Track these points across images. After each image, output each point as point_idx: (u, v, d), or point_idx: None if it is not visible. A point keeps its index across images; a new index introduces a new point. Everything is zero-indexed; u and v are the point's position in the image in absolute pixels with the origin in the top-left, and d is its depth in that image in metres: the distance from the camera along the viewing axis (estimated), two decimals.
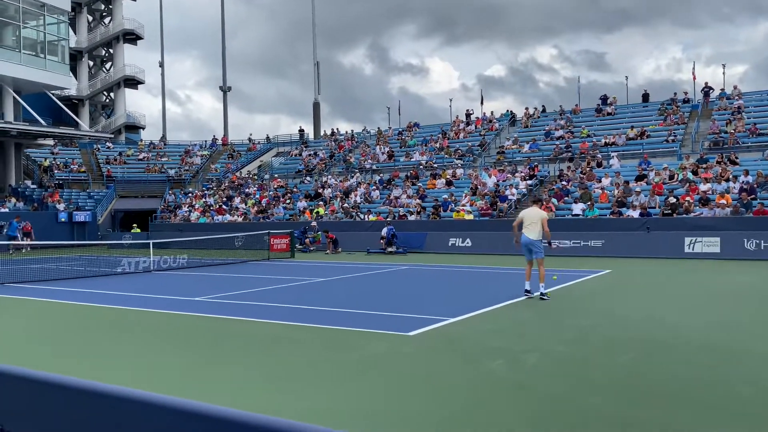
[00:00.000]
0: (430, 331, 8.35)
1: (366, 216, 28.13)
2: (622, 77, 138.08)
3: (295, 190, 34.68)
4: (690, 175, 23.80)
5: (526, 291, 11.31)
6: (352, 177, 34.39)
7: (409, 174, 32.06)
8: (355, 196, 31.22)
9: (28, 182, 37.70)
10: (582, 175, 26.78)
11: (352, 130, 44.62)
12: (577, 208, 23.70)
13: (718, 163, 24.29)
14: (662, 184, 23.86)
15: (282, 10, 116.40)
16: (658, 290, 12.77)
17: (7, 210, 31.96)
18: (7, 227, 28.71)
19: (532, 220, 11.20)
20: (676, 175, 24.35)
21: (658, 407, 5.10)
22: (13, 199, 33.62)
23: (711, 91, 32.99)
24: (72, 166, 41.47)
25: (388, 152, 37.09)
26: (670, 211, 21.48)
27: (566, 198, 25.22)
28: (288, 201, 32.84)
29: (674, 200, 21.85)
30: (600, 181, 25.82)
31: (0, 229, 29.05)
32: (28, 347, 8.08)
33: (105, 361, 7.15)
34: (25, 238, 28.56)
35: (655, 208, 22.24)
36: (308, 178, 36.98)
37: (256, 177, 40.41)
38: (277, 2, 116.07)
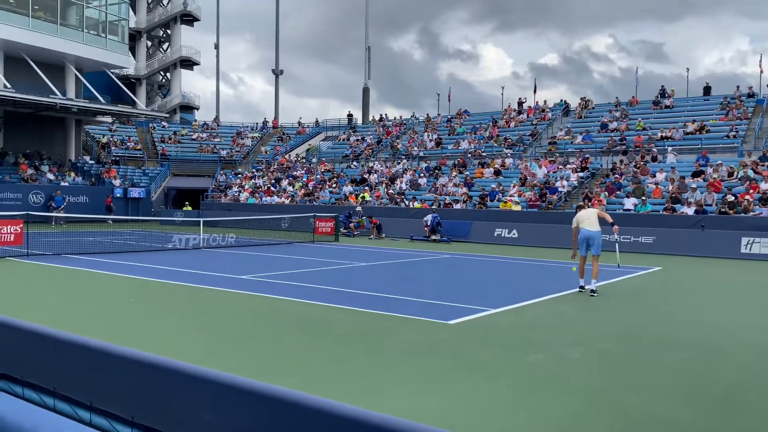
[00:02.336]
0: (471, 321, 8.29)
1: (411, 203, 28.07)
2: (681, 69, 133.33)
3: (341, 174, 34.88)
4: (751, 173, 22.84)
5: (581, 287, 11.10)
6: (399, 163, 34.35)
7: (456, 162, 31.80)
8: (401, 182, 31.18)
9: (87, 158, 39.06)
10: (636, 169, 26.04)
11: (401, 116, 44.51)
12: (629, 202, 23.07)
13: None
14: (720, 181, 22.98)
15: None
16: (711, 290, 12.34)
17: (66, 184, 33.21)
18: (53, 201, 30.11)
19: (589, 216, 11.13)
20: (735, 172, 23.40)
21: (704, 411, 4.93)
22: (73, 174, 34.90)
23: None
24: (128, 144, 42.77)
25: (436, 139, 36.85)
26: (727, 210, 20.69)
27: (618, 192, 24.57)
28: (334, 185, 33.06)
29: (732, 198, 21.03)
30: (654, 176, 25.05)
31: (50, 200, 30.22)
32: (76, 313, 8.39)
33: (152, 333, 7.37)
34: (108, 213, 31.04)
35: (711, 205, 21.45)
36: (355, 163, 37.12)
37: (304, 160, 40.81)
38: None
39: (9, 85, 30.31)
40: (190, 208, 34.68)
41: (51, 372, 2.73)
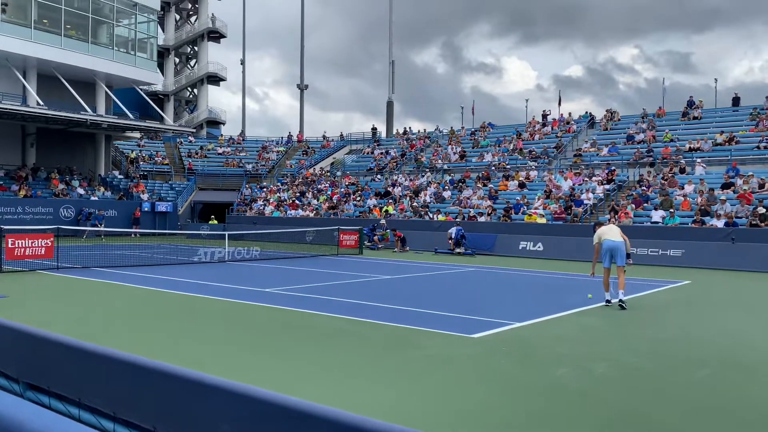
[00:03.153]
0: (495, 335, 8.22)
1: (435, 216, 28.03)
2: (708, 79, 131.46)
3: (366, 187, 34.98)
4: None
5: (608, 301, 10.94)
6: (423, 176, 34.34)
7: (480, 175, 31.69)
8: (425, 195, 31.16)
9: (116, 172, 39.82)
10: (663, 181, 25.65)
11: (425, 129, 44.57)
12: (657, 215, 22.72)
13: None
14: (751, 193, 22.52)
15: (357, 10, 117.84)
16: (741, 306, 12.05)
17: (96, 198, 33.89)
18: (93, 218, 30.75)
19: (611, 229, 11.30)
20: (766, 184, 22.92)
21: (731, 429, 4.81)
22: (102, 188, 35.60)
23: None
24: (156, 159, 43.52)
25: (460, 152, 36.81)
26: (758, 222, 20.25)
27: (645, 204, 24.22)
28: (358, 198, 33.17)
29: (764, 210, 20.58)
30: (682, 188, 24.65)
31: (89, 216, 30.86)
32: (103, 326, 8.52)
33: (173, 345, 7.44)
34: (133, 225, 32.07)
35: (742, 218, 21.02)
36: (379, 176, 37.22)
37: (328, 173, 41.06)
38: (352, 2, 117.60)
39: (42, 103, 31.13)
40: (216, 222, 35.07)
41: (76, 382, 2.78)
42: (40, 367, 2.99)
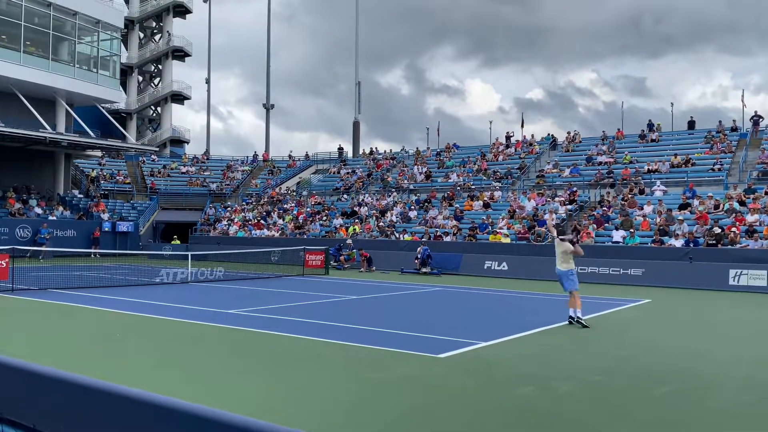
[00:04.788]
0: (461, 354, 8.23)
1: (401, 235, 28.09)
2: (663, 103, 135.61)
3: (332, 207, 34.92)
4: (737, 206, 23.10)
5: (570, 318, 11.05)
6: (389, 196, 34.46)
7: (446, 195, 31.96)
8: (392, 215, 31.25)
9: (76, 192, 38.91)
10: (623, 202, 26.26)
11: (391, 150, 44.85)
12: (618, 235, 23.21)
13: (767, 193, 23.52)
14: (707, 213, 23.21)
15: (321, 32, 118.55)
16: (699, 322, 12.35)
17: (54, 218, 33.01)
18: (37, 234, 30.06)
19: (557, 254, 11.33)
20: (721, 205, 23.66)
21: None
22: (61, 208, 34.71)
23: (761, 119, 32.10)
24: (118, 178, 42.68)
25: (425, 172, 37.09)
26: (714, 242, 20.85)
27: (606, 225, 24.74)
28: (325, 218, 33.07)
29: (719, 230, 21.21)
30: (642, 209, 25.27)
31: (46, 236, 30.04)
32: (64, 350, 8.25)
33: (135, 367, 7.25)
34: (92, 246, 31.24)
35: (701, 237, 21.62)
36: (345, 195, 37.21)
37: (294, 193, 40.87)
38: (316, 23, 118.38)
39: None
40: (178, 242, 34.46)
41: (31, 409, 2.68)
42: None
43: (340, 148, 48.53)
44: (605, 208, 26.09)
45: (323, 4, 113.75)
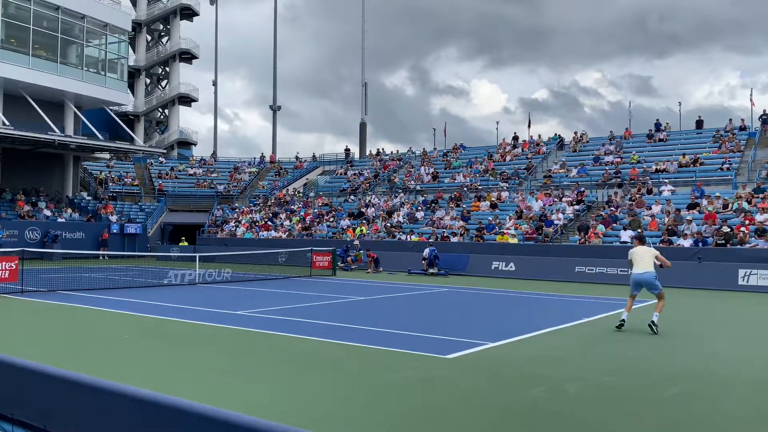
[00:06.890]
0: (469, 355, 8.21)
1: (408, 236, 28.07)
2: (670, 102, 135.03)
3: (339, 208, 34.94)
4: (745, 205, 22.95)
5: (622, 321, 10.60)
6: (396, 197, 34.44)
7: (453, 195, 31.92)
8: (398, 216, 31.24)
9: (84, 194, 39.11)
10: (631, 202, 26.15)
11: (397, 151, 44.84)
12: (626, 235, 23.10)
13: None
14: (715, 213, 23.07)
15: (325, 33, 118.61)
16: (710, 323, 12.27)
17: (63, 220, 33.18)
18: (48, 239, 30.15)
19: (643, 257, 10.65)
20: (730, 205, 23.52)
21: None
22: (69, 210, 34.89)
23: None
24: (126, 180, 42.88)
25: (432, 173, 37.06)
26: (723, 242, 20.72)
27: (614, 225, 24.63)
28: (331, 219, 33.09)
29: (728, 230, 21.08)
30: (650, 209, 25.15)
31: (54, 238, 30.18)
32: (74, 351, 8.29)
33: (145, 368, 7.27)
34: (101, 248, 31.35)
35: (710, 237, 21.49)
36: (352, 197, 37.22)
37: (301, 194, 40.92)
38: (320, 25, 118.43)
39: (8, 123, 30.52)
40: (186, 244, 34.59)
41: (42, 410, 2.69)
42: (3, 395, 2.88)
43: (347, 150, 48.58)
44: (613, 209, 25.98)
45: (326, 7, 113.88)
